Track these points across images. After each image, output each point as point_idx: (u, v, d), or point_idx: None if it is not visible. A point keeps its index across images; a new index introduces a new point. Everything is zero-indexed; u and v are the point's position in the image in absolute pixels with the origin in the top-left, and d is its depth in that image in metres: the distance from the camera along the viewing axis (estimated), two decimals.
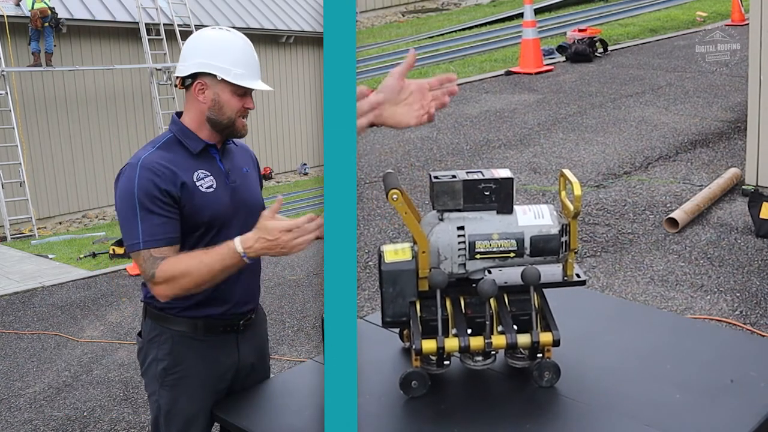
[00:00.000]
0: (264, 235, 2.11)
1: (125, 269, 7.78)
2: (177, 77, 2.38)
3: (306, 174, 19.15)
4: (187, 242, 2.30)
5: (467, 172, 2.03)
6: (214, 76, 2.28)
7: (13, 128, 14.38)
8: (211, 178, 2.32)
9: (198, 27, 15.73)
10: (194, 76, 2.30)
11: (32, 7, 14.26)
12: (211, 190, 2.31)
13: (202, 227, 2.30)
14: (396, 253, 2.03)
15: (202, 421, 2.37)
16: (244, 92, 2.32)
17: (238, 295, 2.40)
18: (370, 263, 5.77)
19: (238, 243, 2.14)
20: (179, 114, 2.41)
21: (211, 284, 2.23)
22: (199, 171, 2.31)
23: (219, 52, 2.29)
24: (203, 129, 2.34)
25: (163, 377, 2.38)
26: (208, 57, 2.29)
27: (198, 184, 2.29)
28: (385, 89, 2.01)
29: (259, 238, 2.12)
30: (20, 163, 14.32)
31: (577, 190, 1.99)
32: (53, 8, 14.59)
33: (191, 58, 2.31)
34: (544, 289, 2.09)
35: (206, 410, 2.37)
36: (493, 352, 2.09)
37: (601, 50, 11.76)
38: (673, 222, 5.60)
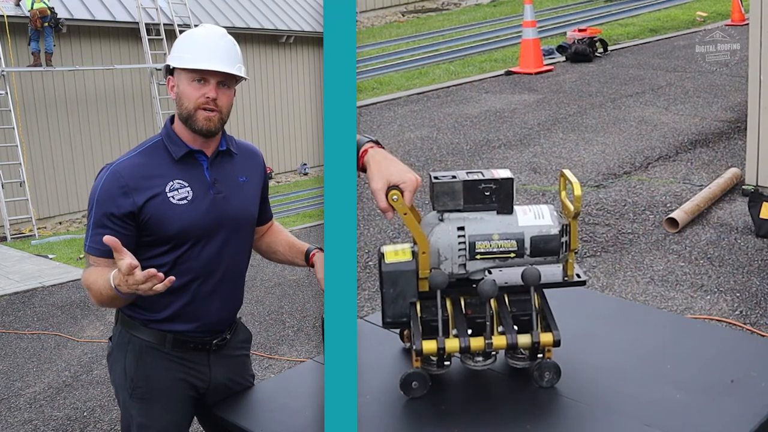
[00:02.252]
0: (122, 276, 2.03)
1: None
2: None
3: (306, 174, 19.15)
4: (155, 256, 2.21)
5: (467, 173, 2.03)
6: (175, 69, 2.24)
7: (13, 128, 14.39)
8: (188, 189, 2.22)
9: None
10: (169, 77, 2.30)
11: (32, 7, 14.26)
12: (184, 202, 2.21)
13: (171, 241, 2.21)
14: (396, 253, 2.03)
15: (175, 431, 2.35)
16: (201, 79, 2.20)
17: (210, 315, 2.31)
18: (370, 263, 5.77)
19: (112, 277, 2.05)
20: (173, 118, 2.33)
21: (110, 306, 2.18)
22: (176, 181, 2.21)
23: (179, 45, 2.26)
24: (185, 131, 2.26)
25: (132, 389, 2.30)
26: (171, 53, 2.28)
27: (170, 195, 2.19)
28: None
29: (116, 275, 2.03)
30: (20, 163, 14.33)
31: (578, 191, 1.98)
32: (53, 8, 14.60)
33: None
34: (544, 290, 2.09)
35: (179, 421, 2.34)
36: (493, 353, 2.09)
37: (601, 50, 11.77)
38: (673, 222, 5.60)
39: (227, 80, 2.24)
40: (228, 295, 2.35)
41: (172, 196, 2.20)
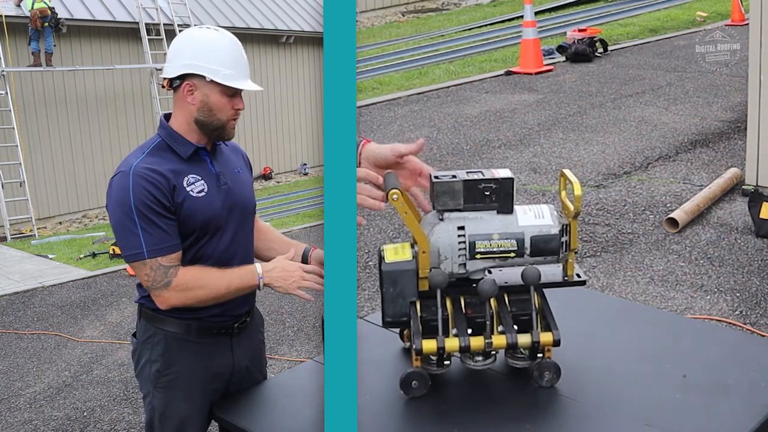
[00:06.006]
0: (284, 267, 2.30)
1: (125, 269, 7.77)
2: (164, 78, 2.33)
3: (306, 174, 19.13)
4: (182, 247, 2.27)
5: (467, 172, 2.03)
6: (203, 77, 2.24)
7: (13, 128, 14.38)
8: (202, 182, 2.28)
9: None
10: (182, 77, 2.27)
11: (32, 7, 14.26)
12: (203, 194, 2.27)
13: (195, 232, 2.27)
14: (396, 253, 2.03)
15: (196, 423, 2.35)
16: (233, 93, 2.28)
17: (231, 300, 2.35)
18: (370, 263, 5.77)
19: (258, 266, 2.30)
20: (168, 116, 2.36)
21: (221, 300, 2.28)
22: (190, 176, 2.27)
23: (206, 52, 2.25)
24: (192, 132, 2.30)
25: (157, 379, 2.35)
26: (195, 58, 2.25)
27: (189, 189, 2.25)
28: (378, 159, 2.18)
29: (276, 267, 2.29)
30: (20, 163, 14.32)
31: (578, 190, 1.98)
32: (53, 8, 14.59)
33: (178, 58, 2.27)
34: (544, 289, 2.09)
35: (201, 412, 2.35)
36: (493, 352, 2.09)
37: (601, 50, 11.76)
38: (673, 222, 5.60)
39: None
40: None
41: (191, 190, 2.26)
